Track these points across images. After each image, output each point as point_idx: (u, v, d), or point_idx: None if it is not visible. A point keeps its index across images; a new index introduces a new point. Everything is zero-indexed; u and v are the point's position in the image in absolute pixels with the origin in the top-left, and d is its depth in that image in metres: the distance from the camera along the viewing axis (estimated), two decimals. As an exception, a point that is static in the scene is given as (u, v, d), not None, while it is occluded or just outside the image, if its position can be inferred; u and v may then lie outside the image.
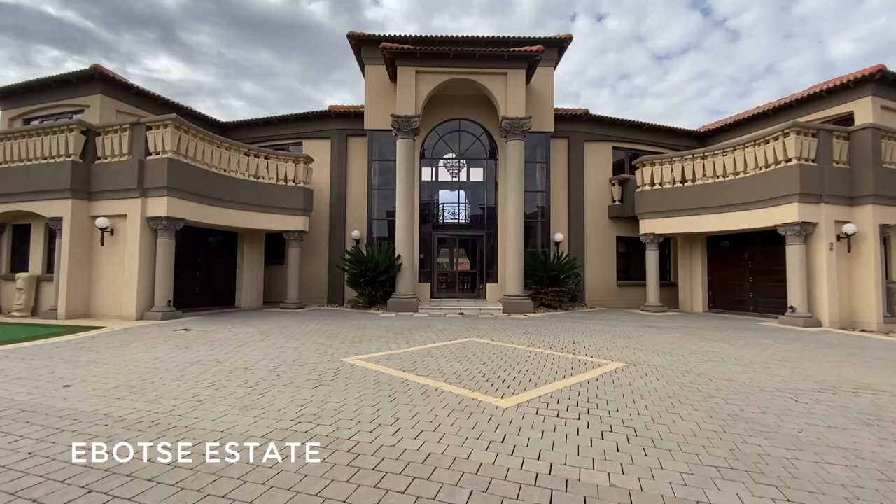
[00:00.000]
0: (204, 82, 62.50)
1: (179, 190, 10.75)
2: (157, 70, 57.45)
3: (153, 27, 54.59)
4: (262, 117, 16.29)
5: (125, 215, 10.73)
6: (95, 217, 10.81)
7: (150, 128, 10.78)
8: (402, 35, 14.31)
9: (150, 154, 10.74)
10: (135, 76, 56.82)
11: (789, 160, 10.79)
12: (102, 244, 10.88)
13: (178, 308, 11.42)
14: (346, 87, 73.59)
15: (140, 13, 52.39)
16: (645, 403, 4.22)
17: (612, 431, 3.46)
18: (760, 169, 11.50)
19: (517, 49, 13.07)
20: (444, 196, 15.31)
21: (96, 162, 11.09)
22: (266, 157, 13.33)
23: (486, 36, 14.38)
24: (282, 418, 3.61)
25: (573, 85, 67.19)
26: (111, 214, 10.83)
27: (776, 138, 11.11)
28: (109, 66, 52.42)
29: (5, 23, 44.75)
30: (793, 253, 10.84)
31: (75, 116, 13.32)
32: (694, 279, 14.31)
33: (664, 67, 69.54)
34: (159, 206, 10.53)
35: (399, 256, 12.92)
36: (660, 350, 7.16)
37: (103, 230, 10.74)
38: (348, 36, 14.40)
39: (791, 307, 10.79)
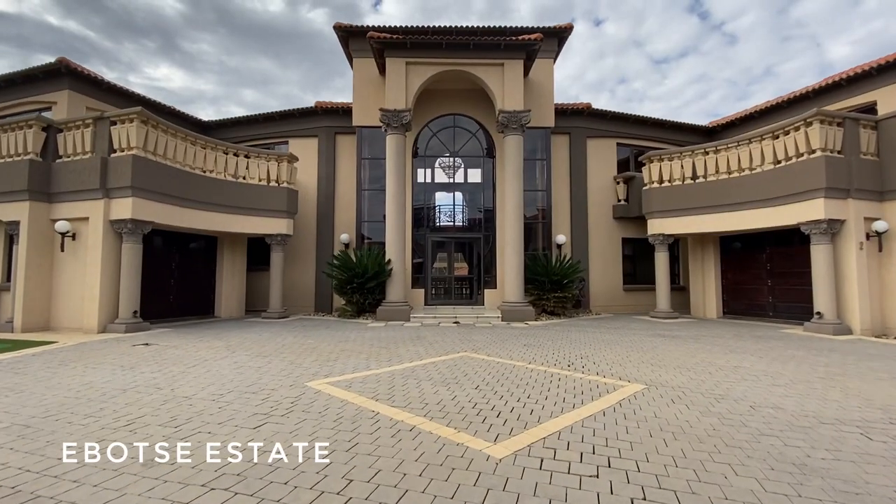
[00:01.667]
0: (205, 90, 62.03)
1: (146, 190, 9.84)
2: (157, 78, 57.03)
3: (154, 36, 54.20)
4: (245, 115, 15.42)
5: (87, 218, 9.82)
6: (56, 221, 9.90)
7: (114, 122, 9.89)
8: (392, 26, 13.45)
9: (115, 151, 9.85)
10: (136, 84, 56.38)
11: (813, 152, 9.86)
12: (62, 250, 9.95)
13: (149, 319, 10.56)
14: (346, 94, 72.91)
15: (141, 22, 52.04)
16: (681, 447, 3.26)
17: (645, 499, 2.50)
18: (780, 162, 10.57)
19: (514, 38, 12.20)
20: (439, 197, 14.38)
21: (57, 161, 10.19)
22: (247, 156, 12.43)
23: (481, 26, 13.53)
24: (191, 482, 2.64)
25: (572, 90, 66.55)
26: (72, 218, 9.91)
27: (797, 129, 10.18)
28: (111, 75, 52.08)
29: (8, 33, 44.45)
30: (818, 253, 9.88)
31: (44, 114, 12.44)
32: (707, 283, 13.33)
33: (662, 71, 68.90)
34: (123, 207, 9.61)
35: (389, 261, 11.98)
36: (681, 366, 6.19)
37: (63, 235, 9.82)
38: (335, 27, 13.54)
39: (818, 313, 9.81)
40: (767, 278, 12.04)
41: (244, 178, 12.25)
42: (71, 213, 9.94)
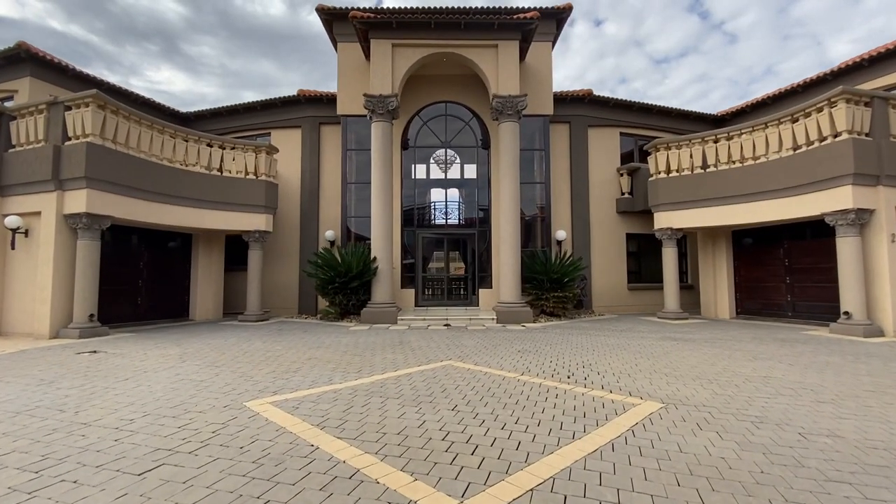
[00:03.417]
0: (206, 93, 61.47)
1: (104, 181, 8.94)
2: (159, 82, 56.60)
3: (156, 39, 53.76)
4: (225, 106, 14.56)
5: (39, 213, 8.94)
6: (6, 216, 9.02)
7: (69, 108, 9.01)
8: (379, 7, 12.54)
9: (71, 139, 8.97)
10: (138, 88, 55.92)
11: (838, 134, 8.92)
12: (13, 248, 9.08)
13: (113, 322, 9.81)
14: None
15: (143, 26, 51.66)
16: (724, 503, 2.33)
17: None
18: (800, 148, 9.63)
19: (509, 17, 11.28)
20: (431, 192, 13.46)
21: (9, 151, 9.32)
22: (221, 147, 11.54)
23: (473, 7, 12.60)
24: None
25: (572, 89, 65.59)
26: (24, 212, 9.05)
27: (820, 109, 9.24)
28: (113, 78, 51.70)
29: (11, 38, 44.13)
30: (845, 247, 8.92)
31: (6, 103, 11.58)
32: (718, 281, 12.37)
33: (663, 71, 67.94)
34: (77, 200, 8.73)
35: (374, 259, 11.07)
36: (701, 377, 5.25)
37: (14, 231, 8.96)
38: (318, 9, 12.64)
39: (846, 313, 8.85)
40: (786, 275, 11.08)
41: (219, 170, 11.37)
42: (22, 207, 9.07)
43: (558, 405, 4.04)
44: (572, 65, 64.77)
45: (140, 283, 10.99)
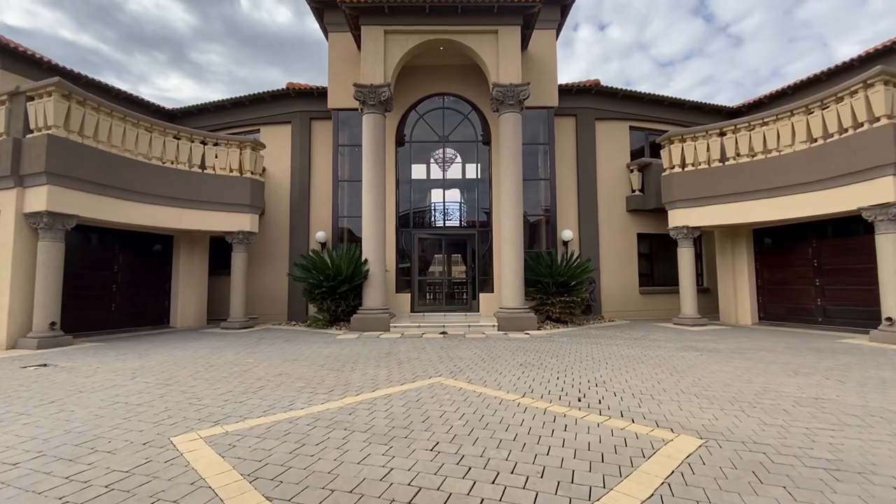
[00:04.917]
0: (213, 99, 61.74)
1: (68, 177, 8.21)
2: (167, 89, 56.84)
3: (164, 48, 54.00)
4: (212, 101, 13.88)
5: (-1, 212, 8.24)
6: (-35, 216, 8.31)
7: (31, 98, 8.31)
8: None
9: (32, 132, 8.26)
10: (146, 94, 56.02)
11: (877, 119, 8.02)
12: (-29, 250, 8.34)
13: (83, 331, 9.25)
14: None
15: (151, 35, 51.93)
16: None
17: None
18: (832, 136, 8.73)
19: (509, 0, 10.47)
20: (430, 192, 12.67)
21: (-31, 145, 8.62)
22: (203, 143, 10.82)
23: (472, -8, 11.80)
24: None
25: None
26: (-17, 211, 8.33)
27: (854, 93, 8.34)
28: (122, 86, 51.79)
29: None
30: (887, 244, 7.98)
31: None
32: (738, 283, 11.42)
33: (668, 74, 67.24)
34: (38, 198, 7.99)
35: (366, 261, 10.25)
36: (739, 398, 4.36)
37: (-28, 232, 8.23)
38: (307, -3, 11.94)
39: (888, 318, 7.89)
40: (815, 277, 10.11)
41: (200, 167, 10.64)
42: (-19, 206, 8.36)
43: (568, 442, 3.17)
44: (577, 68, 64.22)
45: (114, 288, 10.24)
